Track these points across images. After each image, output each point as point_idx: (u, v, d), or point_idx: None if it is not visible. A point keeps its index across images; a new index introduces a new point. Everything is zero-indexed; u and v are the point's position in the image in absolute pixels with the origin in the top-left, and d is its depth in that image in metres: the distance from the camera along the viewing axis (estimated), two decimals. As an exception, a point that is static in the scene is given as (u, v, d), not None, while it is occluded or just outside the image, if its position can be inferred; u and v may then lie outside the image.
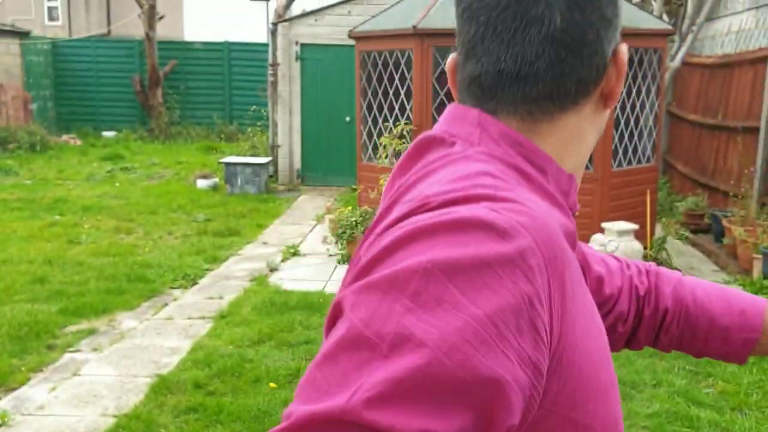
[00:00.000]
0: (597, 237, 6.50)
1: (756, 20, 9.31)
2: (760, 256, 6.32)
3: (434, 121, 6.85)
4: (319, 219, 9.00)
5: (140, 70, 17.09)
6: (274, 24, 11.32)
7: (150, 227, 8.47)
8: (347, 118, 11.06)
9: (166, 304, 5.79)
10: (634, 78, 6.87)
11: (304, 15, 11.20)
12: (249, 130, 15.39)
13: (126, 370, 4.46)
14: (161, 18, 16.71)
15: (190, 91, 17.41)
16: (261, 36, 26.89)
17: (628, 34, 6.63)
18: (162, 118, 16.50)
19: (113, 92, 17.47)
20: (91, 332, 5.17)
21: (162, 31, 17.29)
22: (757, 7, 9.31)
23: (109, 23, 28.56)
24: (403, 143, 6.73)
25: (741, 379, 4.20)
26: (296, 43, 10.98)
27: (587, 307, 0.74)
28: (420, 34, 6.59)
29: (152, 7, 15.93)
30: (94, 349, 4.83)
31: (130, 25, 23.19)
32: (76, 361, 4.62)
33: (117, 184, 11.27)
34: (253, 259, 7.19)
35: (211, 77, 17.43)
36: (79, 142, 15.96)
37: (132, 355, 4.68)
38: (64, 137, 16.26)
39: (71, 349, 4.83)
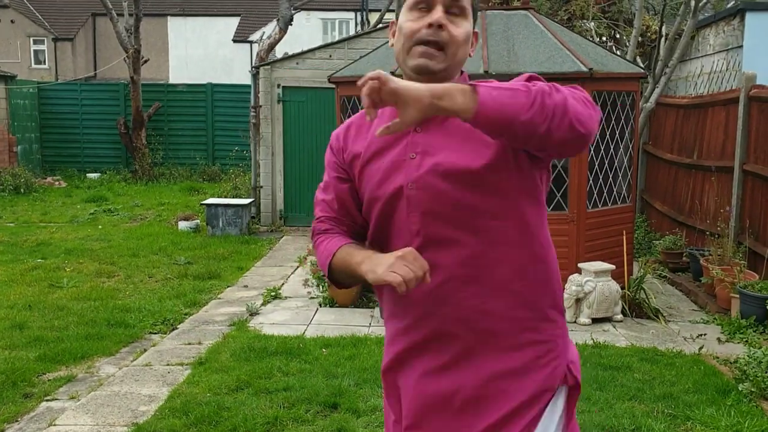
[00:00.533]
0: (574, 277, 6.56)
1: (726, 62, 9.56)
2: (737, 296, 6.40)
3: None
4: (301, 261, 9.01)
5: (125, 113, 17.21)
6: (256, 67, 11.47)
7: (131, 270, 8.46)
8: (329, 160, 11.13)
9: (145, 350, 5.77)
10: (608, 120, 7.01)
11: (286, 58, 11.36)
12: (231, 170, 15.49)
13: (103, 419, 4.42)
14: (146, 61, 16.87)
15: (174, 133, 17.55)
16: (244, 78, 27.15)
17: (602, 79, 6.84)
18: (145, 160, 16.56)
19: (98, 134, 17.56)
20: (69, 379, 5.14)
21: (147, 74, 17.47)
22: (726, 50, 9.57)
23: (95, 67, 28.76)
24: (383, 186, 6.80)
25: (719, 422, 4.23)
26: (278, 85, 11.11)
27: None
28: (398, 80, 6.70)
29: (137, 51, 16.09)
30: (72, 397, 4.79)
31: (116, 68, 23.37)
32: (52, 410, 4.58)
33: (100, 227, 11.26)
34: (233, 302, 7.18)
35: (195, 118, 17.60)
36: (63, 184, 15.96)
37: (109, 403, 4.65)
38: (49, 179, 16.25)
39: (48, 397, 4.79)
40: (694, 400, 4.59)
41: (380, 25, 12.25)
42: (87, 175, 17.00)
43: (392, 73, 6.36)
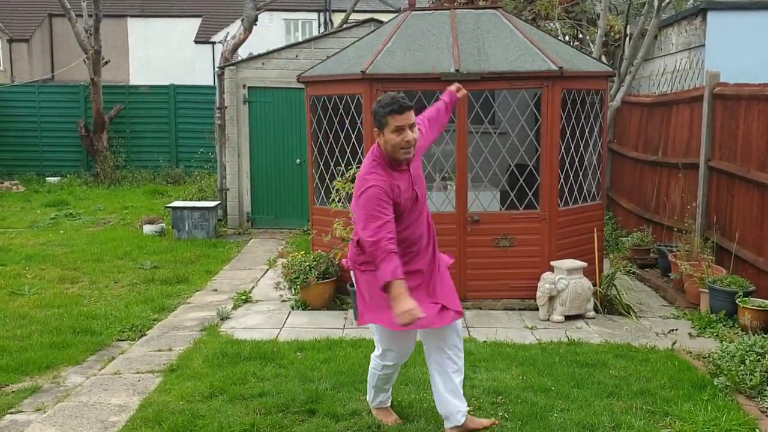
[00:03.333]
0: (547, 275, 6.58)
1: (689, 61, 9.71)
2: (706, 291, 6.48)
3: (385, 164, 6.89)
4: (271, 263, 8.89)
5: (85, 115, 16.84)
6: (221, 67, 11.30)
7: (96, 276, 8.25)
8: (298, 161, 11.04)
9: (113, 358, 5.61)
10: (578, 119, 7.04)
11: (252, 59, 11.21)
12: (196, 173, 15.27)
13: (71, 431, 4.27)
14: (106, 63, 16.53)
15: (136, 135, 17.25)
16: (207, 79, 26.82)
17: (572, 77, 6.86)
18: (107, 163, 16.22)
19: (57, 137, 17.16)
20: (34, 390, 4.97)
21: (107, 75, 17.10)
22: (689, 49, 9.72)
23: (53, 69, 28.14)
24: (355, 187, 6.74)
25: (697, 417, 4.25)
26: (244, 86, 10.96)
27: (402, 192, 3.76)
28: (369, 79, 6.66)
29: (97, 52, 15.76)
30: (38, 409, 4.63)
31: (74, 70, 22.87)
32: (17, 424, 4.41)
33: (61, 232, 10.97)
34: (203, 307, 7.04)
35: (157, 120, 17.32)
36: (21, 189, 15.55)
37: (78, 415, 4.50)
38: (6, 183, 15.81)
39: (12, 410, 4.62)
40: (671, 396, 4.61)
41: (346, 26, 12.17)
42: (46, 179, 16.60)
43: (363, 72, 6.56)
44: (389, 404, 4.36)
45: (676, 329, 6.22)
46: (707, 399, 4.53)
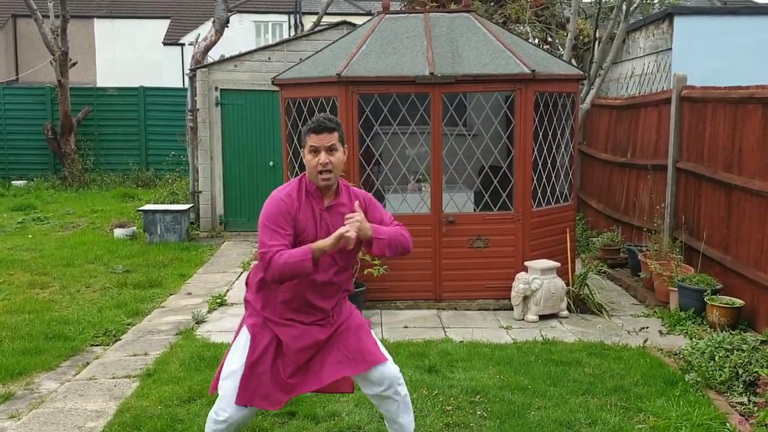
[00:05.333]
0: (521, 275, 6.66)
1: (657, 64, 9.90)
2: (675, 289, 6.62)
3: (360, 166, 6.92)
4: (246, 266, 8.86)
5: (52, 117, 16.59)
6: (193, 70, 11.23)
7: (66, 281, 8.14)
8: (271, 163, 11.02)
9: (87, 363, 5.55)
10: (550, 121, 7.15)
11: (224, 61, 11.16)
12: (167, 176, 15.13)
13: (48, 437, 4.23)
14: (74, 64, 16.31)
15: (105, 138, 17.03)
16: (175, 81, 26.59)
17: (544, 80, 6.96)
18: (75, 166, 15.99)
19: (23, 140, 16.87)
20: (8, 397, 4.90)
21: (73, 77, 16.85)
22: (656, 52, 9.91)
23: (17, 70, 27.65)
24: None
25: (669, 412, 4.35)
26: (216, 88, 10.91)
27: (308, 217, 3.39)
28: (344, 82, 6.68)
29: (64, 54, 15.53)
30: (12, 416, 4.57)
31: (40, 72, 22.53)
32: (-8, 431, 4.35)
33: (29, 236, 10.80)
34: (177, 311, 6.99)
35: (127, 123, 17.12)
36: (-15, 193, 15.26)
37: (53, 421, 4.45)
38: (-31, 187, 15.51)
39: (-14, 417, 4.56)
40: (644, 392, 4.71)
41: (318, 28, 12.17)
42: (12, 182, 16.30)
43: (338, 75, 6.50)
44: None
45: (647, 327, 6.35)
46: (679, 395, 4.64)
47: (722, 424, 4.24)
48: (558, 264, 6.81)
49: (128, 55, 28.86)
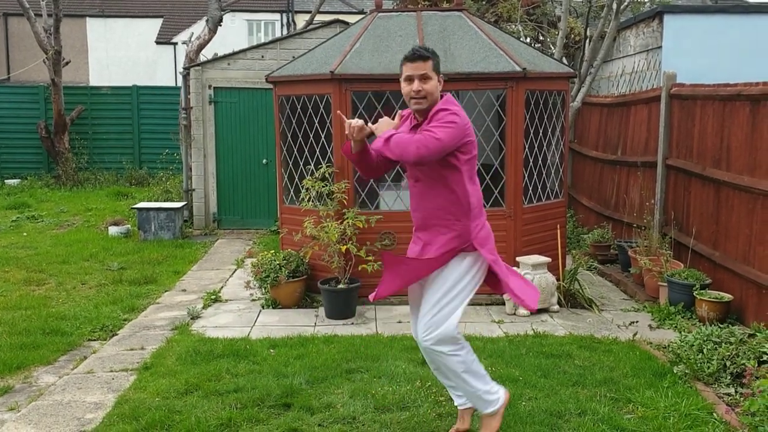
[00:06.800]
0: (514, 271, 6.74)
1: (647, 62, 10.01)
2: (665, 284, 6.72)
3: (354, 163, 6.98)
4: (240, 263, 8.92)
5: (45, 116, 16.60)
6: (187, 68, 11.28)
7: (62, 277, 8.18)
8: (264, 161, 11.08)
9: (85, 357, 5.61)
10: (541, 119, 7.24)
11: (217, 59, 11.21)
12: (161, 174, 15.18)
13: (47, 429, 4.29)
14: (67, 63, 16.31)
15: (98, 137, 17.07)
16: (168, 80, 26.61)
17: (535, 78, 7.04)
18: (69, 164, 16.01)
19: (17, 139, 16.88)
20: (6, 390, 4.95)
21: (65, 76, 16.85)
22: (647, 51, 10.02)
23: (8, 69, 27.59)
24: (326, 186, 6.82)
25: (658, 403, 4.44)
26: (209, 86, 10.96)
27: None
28: (338, 79, 6.75)
29: (58, 53, 15.55)
30: (11, 409, 4.62)
31: (32, 71, 22.50)
32: (-9, 423, 4.41)
33: (24, 234, 10.83)
34: (172, 307, 7.05)
35: (120, 122, 17.16)
36: (-21, 191, 15.26)
37: (53, 413, 4.51)
38: (-37, 186, 15.52)
39: (-15, 410, 4.61)
40: (634, 384, 4.80)
41: (311, 27, 12.23)
42: (6, 181, 16.31)
43: (331, 73, 6.58)
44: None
45: (637, 321, 6.45)
46: (668, 386, 4.73)
47: (709, 413, 4.33)
48: (549, 260, 6.90)
49: (121, 55, 28.85)
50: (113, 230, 10.65)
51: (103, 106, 17.09)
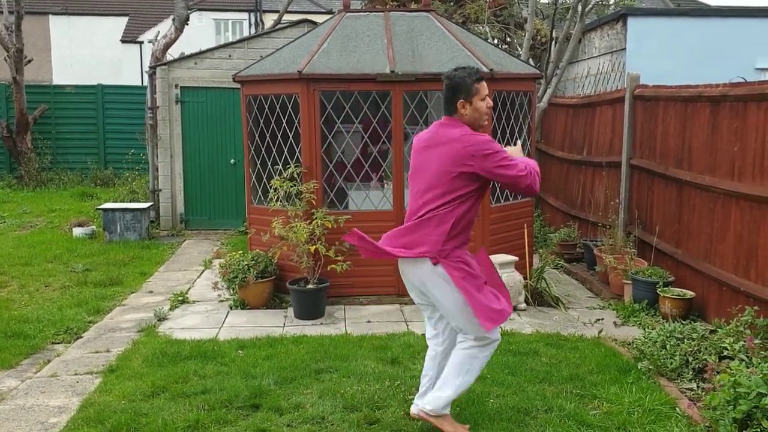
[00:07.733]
0: (482, 270, 6.79)
1: (611, 64, 10.16)
2: (629, 282, 6.83)
3: (323, 162, 6.99)
4: (207, 264, 8.85)
5: (7, 115, 16.27)
6: (153, 67, 11.15)
7: (25, 279, 8.04)
8: (232, 161, 11.01)
9: (48, 361, 5.52)
10: (508, 119, 7.31)
11: (184, 58, 11.11)
12: (127, 174, 14.98)
13: (10, 433, 4.22)
14: (29, 61, 16.01)
15: (62, 136, 16.77)
16: (134, 79, 26.27)
17: (502, 79, 7.10)
18: (32, 165, 15.72)
19: (-24, 138, 16.50)
20: (-33, 396, 4.85)
21: (27, 75, 16.54)
22: (611, 52, 10.17)
23: (-32, 66, 26.99)
24: (294, 186, 6.80)
25: (623, 399, 4.52)
26: (176, 86, 10.85)
27: None
28: (306, 79, 6.74)
29: (19, 51, 15.26)
30: (-28, 414, 4.54)
31: (-9, 68, 22.02)
32: (-49, 429, 4.32)
33: (-16, 236, 10.61)
34: (139, 308, 6.98)
35: (85, 121, 16.86)
36: (-63, 192, 14.91)
37: (15, 417, 4.43)
38: None
39: (-55, 415, 4.51)
40: (599, 380, 4.88)
41: (279, 26, 12.18)
42: (-35, 182, 15.97)
43: (299, 72, 6.52)
44: None
45: (602, 319, 6.55)
46: (632, 382, 4.82)
47: (672, 408, 4.41)
48: (516, 258, 6.97)
49: (85, 53, 28.41)
50: (78, 231, 10.49)
51: (67, 105, 16.79)
